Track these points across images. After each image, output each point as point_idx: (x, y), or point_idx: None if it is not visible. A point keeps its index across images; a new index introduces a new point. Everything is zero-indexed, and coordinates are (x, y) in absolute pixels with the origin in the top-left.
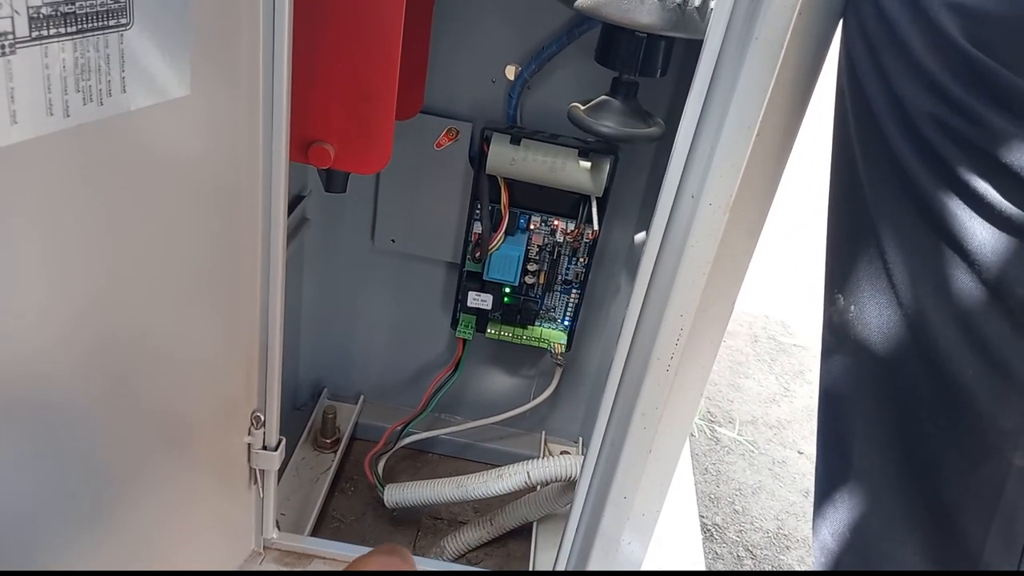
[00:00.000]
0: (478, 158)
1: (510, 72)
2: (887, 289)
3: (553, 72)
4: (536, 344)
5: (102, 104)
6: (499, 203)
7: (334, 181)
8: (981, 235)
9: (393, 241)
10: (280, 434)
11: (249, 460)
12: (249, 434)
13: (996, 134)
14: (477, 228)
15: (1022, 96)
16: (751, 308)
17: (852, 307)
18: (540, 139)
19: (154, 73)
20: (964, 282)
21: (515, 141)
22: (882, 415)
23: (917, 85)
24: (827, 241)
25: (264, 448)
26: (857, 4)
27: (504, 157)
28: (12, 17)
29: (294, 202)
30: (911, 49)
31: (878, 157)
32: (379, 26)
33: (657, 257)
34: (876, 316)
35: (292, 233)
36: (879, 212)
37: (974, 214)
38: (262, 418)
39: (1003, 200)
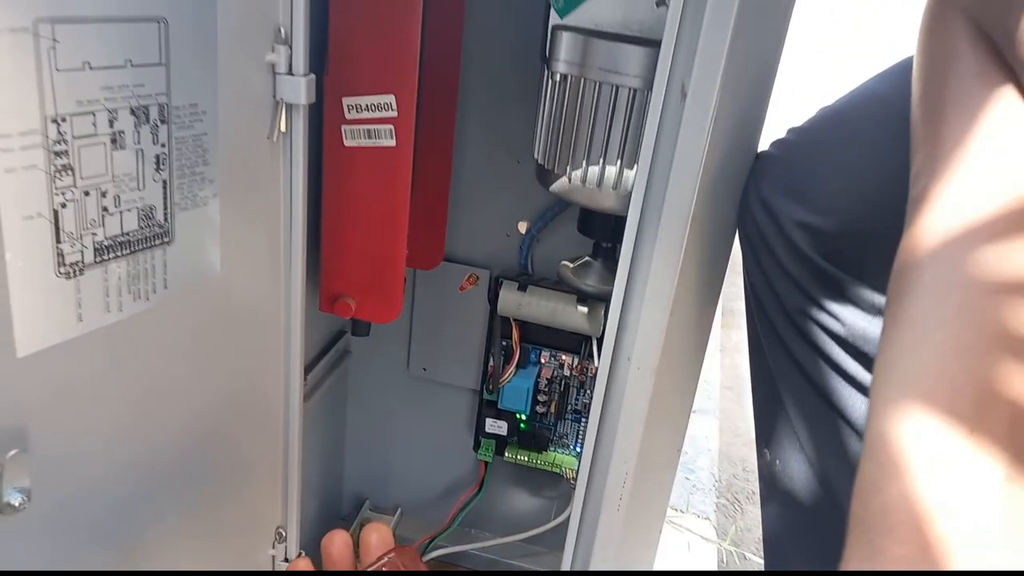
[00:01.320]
0: (493, 300)
1: (521, 227)
2: (800, 450)
3: (558, 227)
4: (551, 468)
5: (148, 300)
6: (511, 339)
7: (358, 327)
8: (862, 409)
9: (424, 370)
10: (301, 547)
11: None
12: (273, 547)
13: (854, 329)
14: (493, 361)
15: (867, 299)
16: None
17: (777, 461)
18: (544, 286)
19: (190, 269)
20: (857, 450)
21: (522, 288)
22: (819, 562)
23: (788, 285)
24: (752, 400)
25: (286, 560)
26: (743, 217)
27: (512, 302)
28: (82, 251)
29: (336, 337)
30: (779, 256)
31: (774, 342)
32: (390, 206)
33: (600, 415)
34: (796, 471)
35: (334, 364)
36: (783, 386)
37: (854, 391)
38: (284, 533)
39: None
